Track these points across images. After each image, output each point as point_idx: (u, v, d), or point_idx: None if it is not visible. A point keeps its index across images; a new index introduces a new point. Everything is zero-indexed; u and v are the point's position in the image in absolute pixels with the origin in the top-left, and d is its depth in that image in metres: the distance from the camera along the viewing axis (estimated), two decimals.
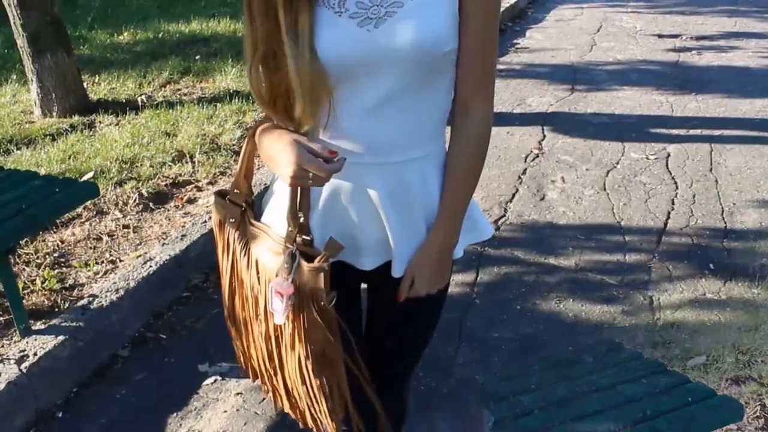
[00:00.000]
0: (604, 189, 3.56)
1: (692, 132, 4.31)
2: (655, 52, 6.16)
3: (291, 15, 1.07)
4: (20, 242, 2.86)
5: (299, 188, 1.18)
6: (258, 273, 1.28)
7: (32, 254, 2.86)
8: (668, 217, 3.27)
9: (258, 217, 1.32)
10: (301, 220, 1.20)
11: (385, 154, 1.18)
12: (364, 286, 1.41)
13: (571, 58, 5.97)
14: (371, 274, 1.31)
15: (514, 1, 7.95)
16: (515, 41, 6.64)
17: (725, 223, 3.24)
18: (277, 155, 1.12)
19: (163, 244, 2.92)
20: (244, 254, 1.31)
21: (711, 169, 3.76)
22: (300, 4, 1.07)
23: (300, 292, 1.19)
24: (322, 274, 1.17)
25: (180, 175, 3.51)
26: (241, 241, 1.31)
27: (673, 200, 3.44)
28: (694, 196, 3.47)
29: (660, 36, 6.70)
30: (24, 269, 2.75)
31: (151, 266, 2.74)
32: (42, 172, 3.54)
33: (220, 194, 1.35)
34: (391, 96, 1.12)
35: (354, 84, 1.12)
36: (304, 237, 1.20)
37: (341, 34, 1.08)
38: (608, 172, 3.75)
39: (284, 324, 1.23)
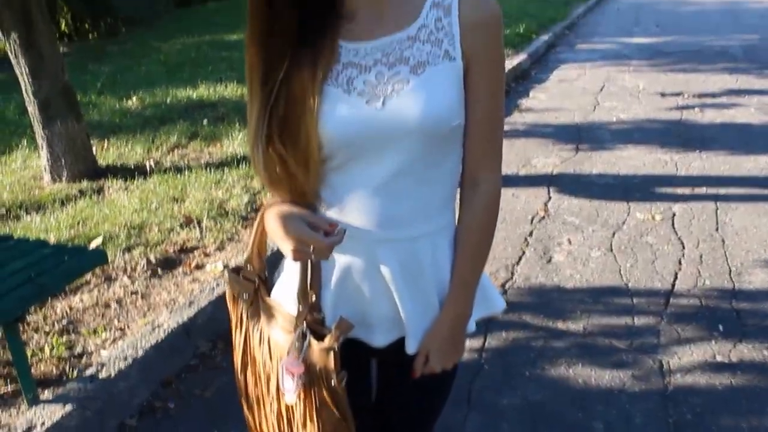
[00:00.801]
0: (611, 250, 3.57)
1: (697, 191, 4.33)
2: (658, 110, 6.23)
3: None
4: (29, 309, 2.88)
5: (309, 265, 1.19)
6: (270, 350, 1.28)
7: (41, 321, 2.88)
8: (675, 278, 3.26)
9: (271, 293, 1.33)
10: (313, 299, 1.20)
11: (395, 229, 1.19)
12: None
13: (575, 119, 6.04)
14: (383, 349, 1.30)
15: (518, 62, 8.11)
16: (519, 102, 6.74)
17: (733, 283, 3.23)
18: (278, 230, 1.13)
19: (171, 311, 2.93)
20: (257, 331, 1.31)
21: (717, 229, 3.77)
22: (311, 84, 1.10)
23: (310, 372, 1.19)
24: (332, 354, 1.17)
25: (188, 240, 3.54)
26: (254, 318, 1.31)
27: (680, 261, 3.43)
28: (701, 257, 3.46)
29: (662, 94, 6.79)
30: (32, 336, 2.77)
31: (159, 333, 2.74)
32: (51, 238, 3.60)
33: (234, 270, 1.35)
34: (400, 171, 1.14)
35: (363, 160, 1.13)
36: (315, 315, 1.21)
37: (350, 112, 1.10)
38: (614, 233, 3.76)
39: (295, 403, 1.23)
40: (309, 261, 1.18)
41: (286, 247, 1.12)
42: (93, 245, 3.48)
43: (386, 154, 1.12)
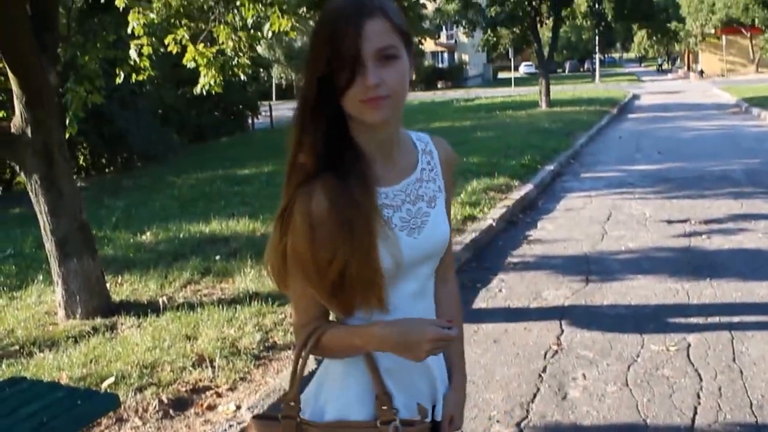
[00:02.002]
0: (627, 385, 3.52)
1: (711, 320, 4.31)
2: (665, 238, 6.30)
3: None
4: None
5: (373, 367, 1.36)
6: None
7: None
8: (695, 413, 3.19)
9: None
10: (388, 396, 1.36)
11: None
12: None
13: (584, 249, 6.11)
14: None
15: (525, 192, 8.31)
16: (527, 233, 6.85)
17: (756, 417, 3.15)
18: (406, 337, 1.29)
19: None
20: None
21: (734, 359, 3.72)
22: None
23: None
24: None
25: (200, 380, 3.53)
26: None
27: (698, 394, 3.37)
28: (719, 389, 3.41)
29: (669, 221, 6.89)
30: None
31: None
32: (64, 376, 3.60)
33: (260, 417, 1.46)
34: (426, 279, 1.43)
35: (404, 277, 1.36)
36: (392, 409, 1.35)
37: (397, 244, 1.32)
38: (629, 367, 3.72)
39: None
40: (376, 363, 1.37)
41: (425, 347, 1.28)
42: (105, 385, 3.48)
43: (421, 268, 1.40)
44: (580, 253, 5.99)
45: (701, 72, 46.49)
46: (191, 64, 6.40)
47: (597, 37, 46.15)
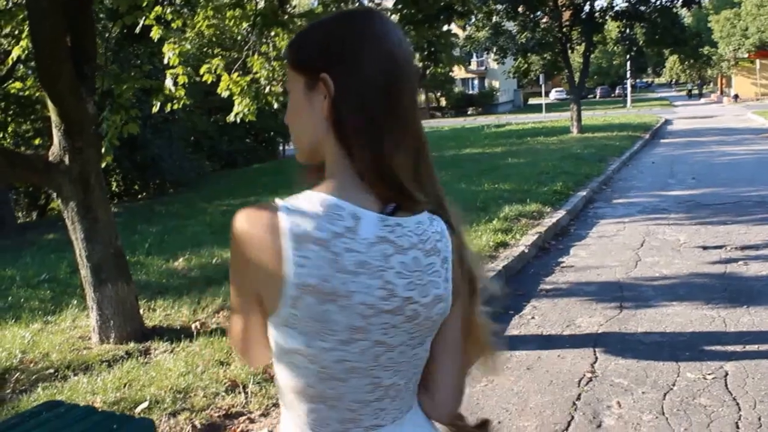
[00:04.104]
0: (663, 413, 3.45)
1: (749, 348, 4.22)
2: (701, 264, 6.20)
3: None
4: None
5: None
6: None
7: None
8: None
9: None
10: None
11: None
12: None
13: (617, 275, 6.04)
14: None
15: (557, 219, 8.26)
16: (560, 260, 6.79)
17: None
18: None
19: None
20: None
21: None
22: None
23: None
24: None
25: (233, 406, 3.55)
26: None
27: (737, 424, 3.29)
28: (759, 419, 3.32)
29: (704, 248, 6.78)
30: None
31: None
32: (98, 400, 3.64)
33: None
34: None
35: None
36: None
37: None
38: (665, 395, 3.65)
39: None
40: None
41: None
42: (139, 409, 3.51)
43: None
44: (614, 280, 5.91)
45: (736, 96, 45.96)
46: (225, 93, 6.52)
47: (628, 63, 46.01)
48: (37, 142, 13.62)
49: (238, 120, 6.70)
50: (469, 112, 55.28)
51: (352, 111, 1.08)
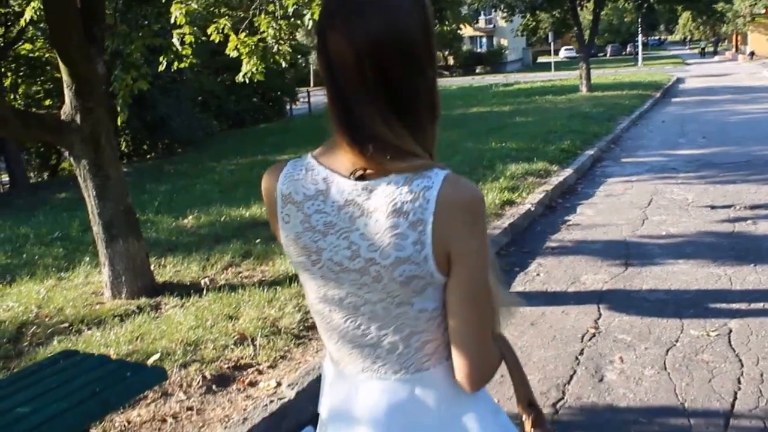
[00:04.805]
0: (665, 369, 3.50)
1: (754, 306, 4.26)
2: (709, 223, 6.21)
3: None
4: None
5: None
6: None
7: None
8: (735, 398, 3.17)
9: None
10: None
11: None
12: None
13: (623, 234, 6.06)
14: None
15: (564, 178, 8.25)
16: (566, 218, 6.81)
17: None
18: None
19: (225, 428, 2.98)
20: None
21: None
22: None
23: None
24: None
25: (242, 358, 3.63)
26: None
27: (739, 379, 3.34)
28: (761, 375, 3.37)
29: (713, 207, 6.77)
30: None
31: None
32: (111, 352, 3.72)
33: None
34: None
35: None
36: None
37: None
38: (668, 351, 3.70)
39: None
40: None
41: None
42: (151, 361, 3.58)
43: None
44: (620, 238, 5.94)
45: (752, 54, 45.22)
46: (234, 54, 6.49)
47: (639, 20, 45.28)
48: (47, 103, 13.63)
49: (247, 80, 6.67)
50: (477, 71, 54.77)
51: (326, 76, 1.11)
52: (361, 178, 1.10)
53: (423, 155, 1.11)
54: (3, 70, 11.58)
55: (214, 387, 3.38)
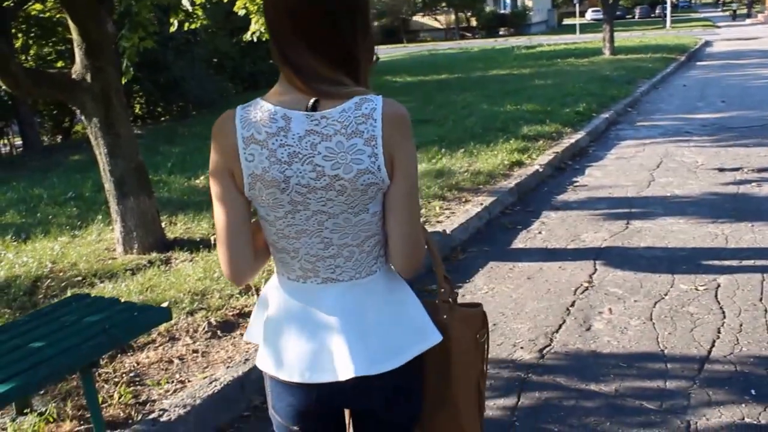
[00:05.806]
0: (651, 319, 3.65)
1: (745, 263, 4.36)
2: (714, 185, 6.27)
3: None
4: (102, 361, 3.19)
5: None
6: None
7: (111, 373, 3.19)
8: (713, 346, 3.31)
9: None
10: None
11: None
12: None
13: (629, 194, 6.15)
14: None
15: (576, 140, 8.30)
16: (574, 179, 6.90)
17: None
18: None
19: (228, 367, 3.18)
20: None
21: (761, 299, 3.79)
22: None
23: None
24: None
25: (246, 306, 3.83)
26: None
27: (719, 329, 3.48)
28: (741, 325, 3.50)
29: (721, 170, 6.81)
30: (103, 386, 3.07)
31: (215, 386, 3.00)
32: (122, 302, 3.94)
33: None
34: None
35: None
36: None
37: None
38: (656, 303, 3.84)
39: None
40: None
41: None
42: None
43: None
44: (624, 199, 6.03)
45: None
46: (242, 12, 6.58)
47: None
48: (59, 65, 13.70)
49: (255, 39, 6.76)
50: (500, 33, 53.93)
51: (267, 24, 1.36)
52: (314, 109, 1.30)
53: (360, 86, 1.34)
54: (14, 30, 11.72)
55: (219, 332, 3.58)
